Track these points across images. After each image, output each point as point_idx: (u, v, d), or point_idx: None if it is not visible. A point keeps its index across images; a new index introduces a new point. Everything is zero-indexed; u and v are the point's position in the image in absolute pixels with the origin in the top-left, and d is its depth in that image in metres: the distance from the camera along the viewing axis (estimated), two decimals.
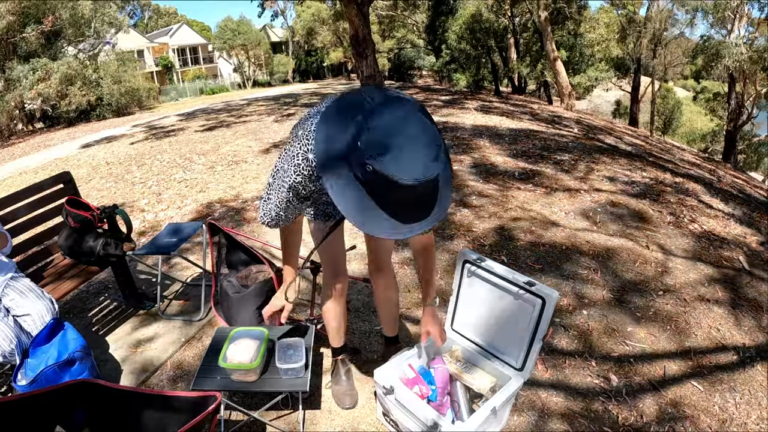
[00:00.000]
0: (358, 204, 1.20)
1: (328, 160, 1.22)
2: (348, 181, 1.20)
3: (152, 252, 3.14)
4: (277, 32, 44.17)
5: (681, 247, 3.92)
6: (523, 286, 1.87)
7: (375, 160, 1.11)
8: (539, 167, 5.96)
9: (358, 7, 10.76)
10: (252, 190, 5.48)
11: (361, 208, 1.20)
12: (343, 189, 1.20)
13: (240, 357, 1.93)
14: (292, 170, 1.47)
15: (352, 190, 1.20)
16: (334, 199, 1.21)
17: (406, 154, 1.12)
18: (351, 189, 1.20)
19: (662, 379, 2.51)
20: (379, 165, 1.11)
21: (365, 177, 1.16)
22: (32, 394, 1.76)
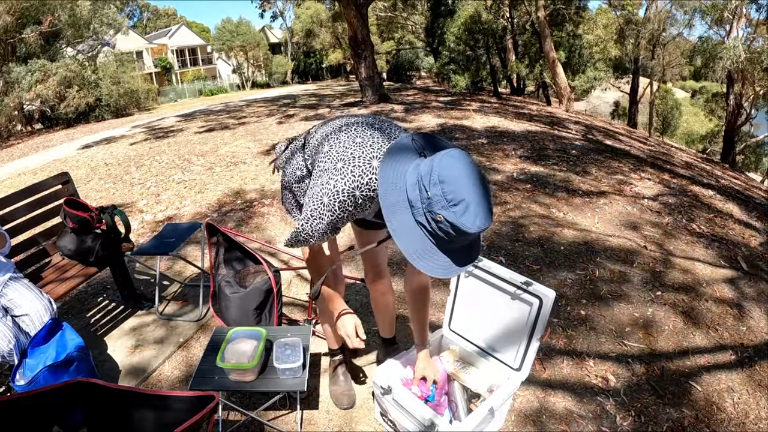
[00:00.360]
0: (420, 246, 1.28)
1: (393, 206, 1.30)
2: (411, 225, 1.29)
3: (150, 252, 3.14)
4: (276, 33, 44.18)
5: (679, 247, 3.93)
6: (521, 286, 1.88)
7: (447, 211, 1.20)
8: (537, 168, 5.97)
9: (356, 9, 10.79)
10: (250, 191, 5.48)
11: (421, 249, 1.29)
12: (406, 232, 1.29)
13: (238, 357, 1.93)
14: (337, 206, 1.45)
15: (415, 233, 1.28)
16: (396, 240, 1.30)
17: (474, 206, 1.20)
18: (414, 233, 1.28)
19: (660, 380, 2.51)
20: (451, 216, 1.20)
21: (432, 224, 1.25)
22: (30, 394, 1.76)
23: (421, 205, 1.25)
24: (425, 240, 1.28)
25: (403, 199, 1.29)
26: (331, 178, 1.45)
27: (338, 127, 1.60)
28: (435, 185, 1.21)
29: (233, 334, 2.07)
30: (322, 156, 1.53)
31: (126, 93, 20.56)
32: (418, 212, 1.26)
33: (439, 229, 1.24)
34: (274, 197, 5.15)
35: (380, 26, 28.85)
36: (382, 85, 12.65)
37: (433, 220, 1.24)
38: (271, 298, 2.45)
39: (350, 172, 1.44)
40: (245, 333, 2.09)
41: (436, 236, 1.26)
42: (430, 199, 1.22)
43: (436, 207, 1.22)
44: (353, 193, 1.44)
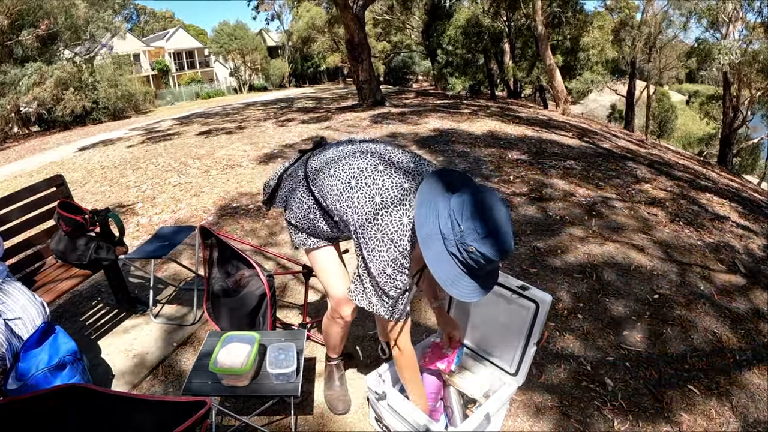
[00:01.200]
0: (452, 273, 1.43)
1: (429, 238, 1.44)
2: (445, 255, 1.43)
3: (145, 256, 3.12)
4: (273, 36, 44.20)
5: (677, 251, 3.92)
6: (517, 290, 1.86)
7: (478, 243, 1.37)
8: (533, 171, 5.97)
9: (354, 12, 10.79)
10: (246, 195, 5.45)
11: (453, 276, 1.43)
12: (440, 262, 1.43)
13: (231, 361, 1.91)
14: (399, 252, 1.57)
15: (448, 262, 1.43)
16: (431, 268, 1.43)
17: (500, 238, 1.37)
18: (447, 262, 1.43)
19: (658, 383, 2.50)
20: (482, 248, 1.37)
21: (464, 254, 1.40)
22: (21, 399, 1.74)
23: (454, 238, 1.40)
24: (456, 268, 1.43)
25: (437, 232, 1.43)
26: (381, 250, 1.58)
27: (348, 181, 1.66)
28: (467, 220, 1.38)
29: (226, 339, 2.05)
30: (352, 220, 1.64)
31: (123, 95, 20.57)
32: (450, 243, 1.41)
33: (470, 259, 1.40)
34: None
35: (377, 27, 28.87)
36: (379, 89, 12.66)
37: (465, 250, 1.39)
38: (264, 302, 2.42)
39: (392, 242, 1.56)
40: (238, 337, 2.07)
41: (466, 265, 1.42)
42: (463, 232, 1.38)
43: (468, 239, 1.38)
44: (404, 254, 1.57)
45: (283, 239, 4.23)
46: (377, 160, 1.66)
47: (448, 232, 1.41)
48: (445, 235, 1.42)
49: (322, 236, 1.90)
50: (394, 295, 1.62)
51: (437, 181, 1.52)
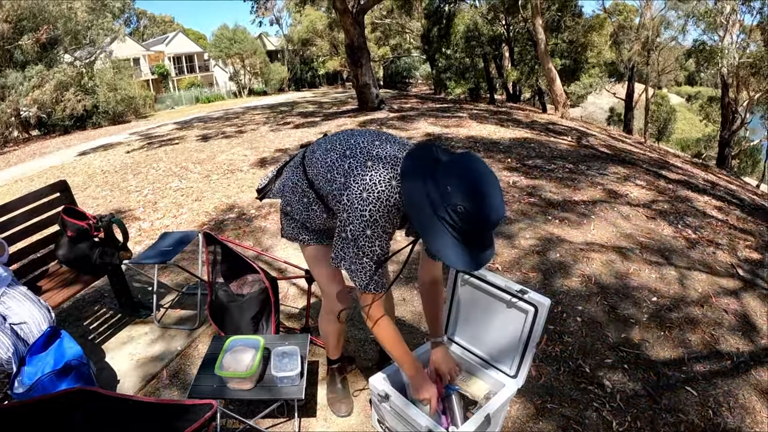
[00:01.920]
0: (442, 239, 1.39)
1: (416, 204, 1.41)
2: (434, 220, 1.39)
3: (148, 261, 3.14)
4: (273, 41, 44.28)
5: (675, 253, 3.95)
6: (516, 294, 1.89)
7: (467, 202, 1.34)
8: (532, 175, 6.00)
9: (353, 17, 10.84)
10: (247, 200, 5.48)
11: (443, 243, 1.39)
12: (430, 227, 1.39)
13: (236, 365, 1.94)
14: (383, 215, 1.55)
15: (438, 228, 1.39)
16: (421, 233, 1.41)
17: (489, 197, 1.35)
18: (437, 227, 1.39)
19: (656, 385, 2.53)
20: (469, 205, 1.34)
21: (452, 216, 1.36)
22: (29, 402, 1.76)
23: (441, 200, 1.37)
24: (447, 233, 1.38)
25: (424, 197, 1.40)
26: (364, 210, 1.54)
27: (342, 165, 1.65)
28: (454, 182, 1.36)
29: (231, 343, 2.08)
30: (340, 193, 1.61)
31: (123, 100, 20.59)
32: (439, 207, 1.37)
33: (460, 220, 1.36)
34: (271, 206, 5.15)
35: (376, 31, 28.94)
36: (378, 93, 12.70)
37: (453, 211, 1.35)
38: (268, 306, 2.45)
39: (377, 199, 1.54)
40: (243, 341, 2.10)
41: (457, 229, 1.37)
42: (450, 193, 1.35)
43: (455, 199, 1.34)
44: (388, 215, 1.56)
45: (285, 244, 4.26)
46: (374, 137, 1.69)
47: (436, 196, 1.38)
48: (432, 199, 1.39)
49: (315, 227, 1.89)
50: (371, 263, 1.60)
51: (422, 152, 1.52)
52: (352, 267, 1.64)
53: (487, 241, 1.45)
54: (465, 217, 1.35)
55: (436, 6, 19.78)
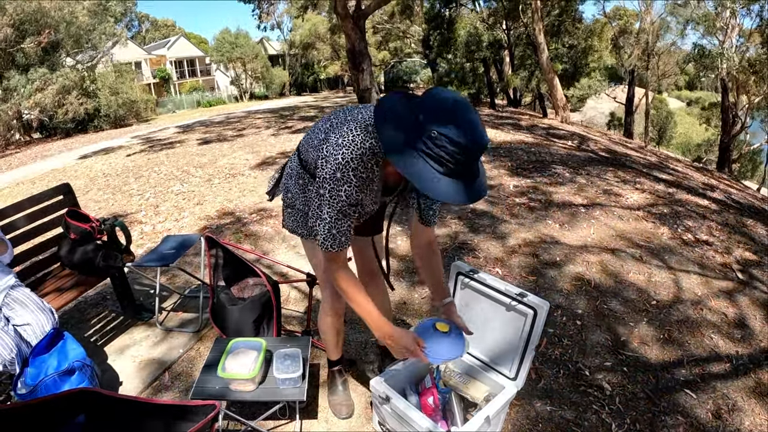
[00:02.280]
0: (424, 171, 1.34)
1: (394, 144, 1.38)
2: (409, 150, 1.36)
3: (151, 264, 3.16)
4: (274, 45, 44.42)
5: (674, 257, 3.97)
6: (515, 297, 1.91)
7: (442, 127, 1.29)
8: (532, 179, 6.03)
9: (354, 22, 10.89)
10: (249, 204, 5.51)
11: (425, 176, 1.34)
12: (410, 164, 1.35)
13: (238, 367, 1.96)
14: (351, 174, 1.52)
15: (417, 160, 1.35)
16: (399, 168, 1.36)
17: (467, 122, 1.31)
18: (416, 159, 1.35)
19: (655, 388, 2.54)
20: (445, 130, 1.29)
21: (429, 145, 1.32)
22: (33, 403, 1.78)
23: (416, 132, 1.34)
24: (427, 166, 1.35)
25: (400, 132, 1.38)
26: (336, 153, 1.51)
27: (324, 126, 1.69)
28: (427, 111, 1.33)
29: (234, 345, 2.10)
30: (320, 148, 1.60)
31: (125, 103, 20.68)
32: (415, 138, 1.35)
33: (437, 147, 1.31)
34: (273, 210, 5.18)
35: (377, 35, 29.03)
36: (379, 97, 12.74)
37: (429, 139, 1.32)
38: (270, 310, 2.47)
39: (351, 142, 1.52)
40: (245, 344, 2.12)
41: (436, 159, 1.33)
42: (425, 120, 1.32)
43: (430, 126, 1.31)
44: (362, 159, 1.51)
45: (286, 248, 4.28)
46: (361, 107, 1.68)
47: (410, 127, 1.36)
48: (408, 132, 1.36)
49: None
50: (333, 212, 1.57)
51: (394, 95, 1.49)
52: (314, 222, 1.63)
53: (473, 171, 1.40)
54: (440, 143, 1.31)
55: (436, 11, 19.82)
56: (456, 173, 1.35)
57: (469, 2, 20.31)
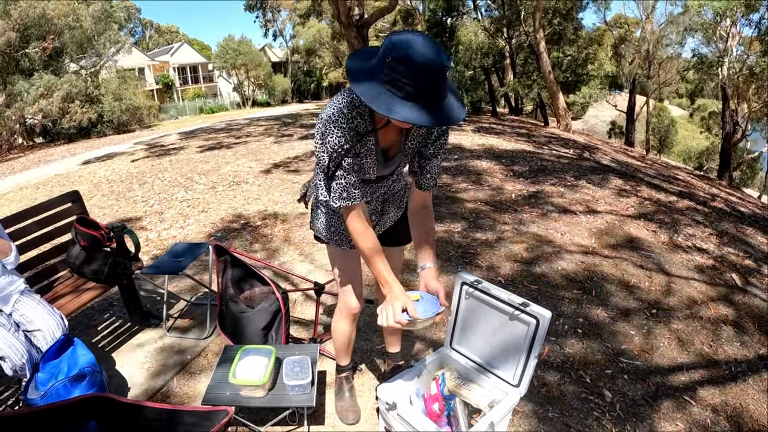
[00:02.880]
0: (386, 99, 1.42)
1: (359, 79, 1.47)
2: (373, 84, 1.44)
3: (160, 271, 3.21)
4: (277, 52, 44.62)
5: (675, 266, 4.01)
6: (518, 306, 1.96)
7: (397, 53, 1.37)
8: (536, 188, 6.08)
9: (357, 30, 10.96)
10: (254, 211, 5.55)
11: (388, 101, 1.42)
12: (373, 93, 1.43)
13: (249, 373, 2.00)
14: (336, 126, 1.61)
15: (380, 89, 1.43)
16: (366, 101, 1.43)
17: (420, 44, 1.37)
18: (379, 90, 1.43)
19: (655, 395, 2.59)
20: (399, 55, 1.37)
21: (387, 73, 1.40)
22: (45, 408, 1.83)
23: (377, 63, 1.44)
24: (387, 92, 1.42)
25: (364, 67, 1.48)
26: (322, 114, 1.64)
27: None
28: (387, 42, 1.42)
29: (244, 352, 2.15)
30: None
31: (128, 109, 20.76)
32: (376, 69, 1.44)
33: (393, 71, 1.39)
34: (277, 218, 5.23)
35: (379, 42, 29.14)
36: None
37: (386, 66, 1.40)
38: (279, 318, 2.52)
39: (335, 100, 1.64)
40: (256, 350, 2.17)
41: (394, 84, 1.41)
42: (384, 53, 1.41)
43: (389, 55, 1.39)
44: (342, 111, 1.60)
45: (292, 256, 4.32)
46: None
47: (373, 63, 1.47)
48: (370, 66, 1.47)
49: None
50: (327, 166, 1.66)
51: (368, 48, 1.61)
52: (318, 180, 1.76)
53: (439, 95, 1.45)
54: (396, 67, 1.38)
55: (438, 19, 19.96)
56: (418, 96, 1.41)
57: (471, 11, 20.44)
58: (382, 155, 1.78)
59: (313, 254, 4.30)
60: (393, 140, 1.76)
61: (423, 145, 1.82)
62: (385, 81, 1.42)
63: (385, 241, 2.19)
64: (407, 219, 2.08)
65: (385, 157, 1.80)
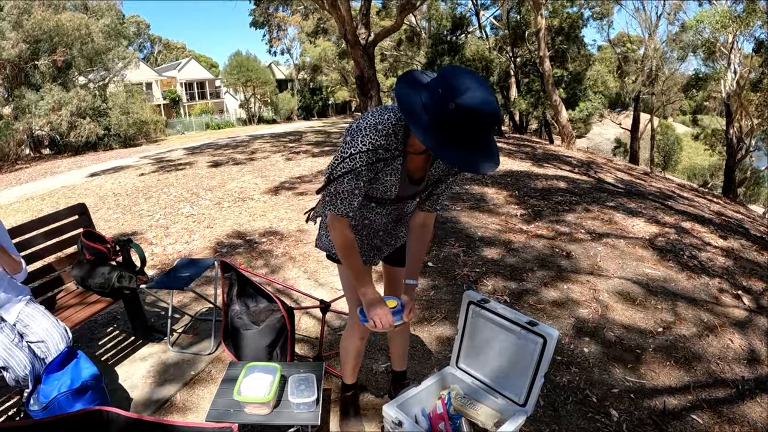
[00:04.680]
0: (437, 138, 1.44)
1: (412, 108, 1.48)
2: (427, 121, 1.45)
3: (165, 286, 3.21)
4: (283, 70, 45.05)
5: (681, 284, 3.99)
6: (525, 325, 1.95)
7: (458, 99, 1.38)
8: (540, 208, 6.08)
9: (363, 49, 11.05)
10: (259, 228, 5.56)
11: (440, 142, 1.44)
12: (424, 127, 1.45)
13: (254, 390, 2.00)
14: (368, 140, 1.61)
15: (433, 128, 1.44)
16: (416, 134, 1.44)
17: (480, 94, 1.38)
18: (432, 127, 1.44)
19: (662, 413, 2.56)
20: (461, 100, 1.37)
21: (445, 117, 1.41)
22: (49, 420, 1.81)
23: (434, 103, 1.43)
24: (442, 134, 1.43)
25: (418, 102, 1.48)
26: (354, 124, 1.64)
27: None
28: (445, 82, 1.42)
29: (249, 369, 2.14)
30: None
31: (135, 123, 20.93)
32: (434, 111, 1.44)
33: (451, 117, 1.40)
34: (283, 235, 5.24)
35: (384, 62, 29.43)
36: None
37: (446, 109, 1.40)
38: (284, 335, 2.51)
39: (372, 113, 1.65)
40: (261, 368, 2.16)
41: (450, 129, 1.42)
42: (441, 93, 1.41)
43: (447, 99, 1.39)
44: (376, 126, 1.61)
45: (297, 274, 4.32)
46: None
47: (428, 99, 1.46)
48: (425, 102, 1.47)
49: None
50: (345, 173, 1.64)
51: (413, 72, 1.61)
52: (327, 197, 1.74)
53: (484, 142, 1.49)
54: (456, 113, 1.39)
55: (443, 38, 20.12)
56: (470, 144, 1.44)
57: (476, 29, 20.63)
58: (408, 177, 1.78)
59: (318, 272, 4.29)
60: (420, 165, 1.77)
61: (445, 173, 1.82)
62: (440, 123, 1.43)
63: (394, 262, 2.19)
64: None
65: (410, 179, 1.80)
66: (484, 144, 1.48)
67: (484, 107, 1.38)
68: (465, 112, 1.38)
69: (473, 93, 1.38)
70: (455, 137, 1.43)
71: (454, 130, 1.42)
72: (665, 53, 21.80)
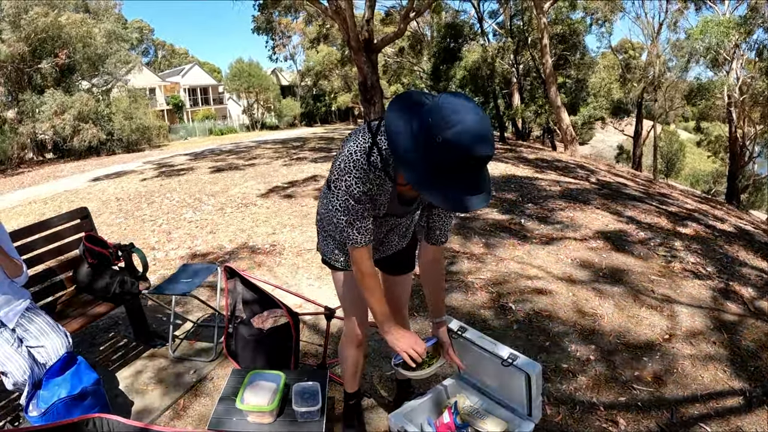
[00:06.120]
0: (422, 175, 1.36)
1: (399, 135, 1.40)
2: (416, 156, 1.36)
3: (168, 292, 3.18)
4: (286, 76, 45.17)
5: (686, 291, 3.96)
6: (506, 360, 1.91)
7: (447, 132, 1.27)
8: (541, 215, 6.05)
9: (367, 56, 11.08)
10: (261, 234, 5.54)
11: (428, 180, 1.36)
12: (412, 163, 1.37)
13: (257, 399, 1.96)
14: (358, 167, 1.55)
15: (420, 163, 1.35)
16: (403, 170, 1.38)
17: (473, 129, 1.28)
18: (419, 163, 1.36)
19: (669, 422, 2.52)
20: (449, 135, 1.27)
21: (431, 150, 1.32)
22: (50, 427, 1.79)
23: (422, 133, 1.34)
24: (427, 169, 1.35)
25: (408, 130, 1.39)
26: (343, 149, 1.58)
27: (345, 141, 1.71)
28: (438, 111, 1.31)
29: (252, 376, 2.11)
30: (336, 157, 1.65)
31: (138, 128, 20.98)
32: (424, 145, 1.34)
33: (438, 152, 1.31)
34: (287, 240, 5.21)
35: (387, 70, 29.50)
36: None
37: (432, 142, 1.31)
38: (288, 342, 2.48)
39: (356, 139, 1.58)
40: (264, 376, 2.13)
41: (436, 164, 1.33)
42: (431, 124, 1.31)
43: (436, 131, 1.29)
44: (364, 152, 1.55)
45: (300, 279, 4.29)
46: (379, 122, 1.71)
47: (418, 129, 1.36)
48: (415, 132, 1.37)
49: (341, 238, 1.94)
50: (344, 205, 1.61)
51: (407, 95, 1.50)
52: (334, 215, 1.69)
53: (476, 180, 1.39)
54: (445, 148, 1.29)
55: (445, 45, 20.15)
56: (453, 179, 1.35)
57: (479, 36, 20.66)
58: (398, 199, 1.75)
59: (322, 278, 4.27)
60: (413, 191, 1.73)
61: None
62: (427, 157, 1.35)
63: (390, 270, 2.17)
64: (411, 248, 2.09)
65: (401, 200, 1.76)
66: (473, 177, 1.38)
67: (474, 146, 1.28)
68: (452, 148, 1.29)
69: (463, 127, 1.27)
70: (440, 173, 1.34)
71: (440, 165, 1.33)
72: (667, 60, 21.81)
